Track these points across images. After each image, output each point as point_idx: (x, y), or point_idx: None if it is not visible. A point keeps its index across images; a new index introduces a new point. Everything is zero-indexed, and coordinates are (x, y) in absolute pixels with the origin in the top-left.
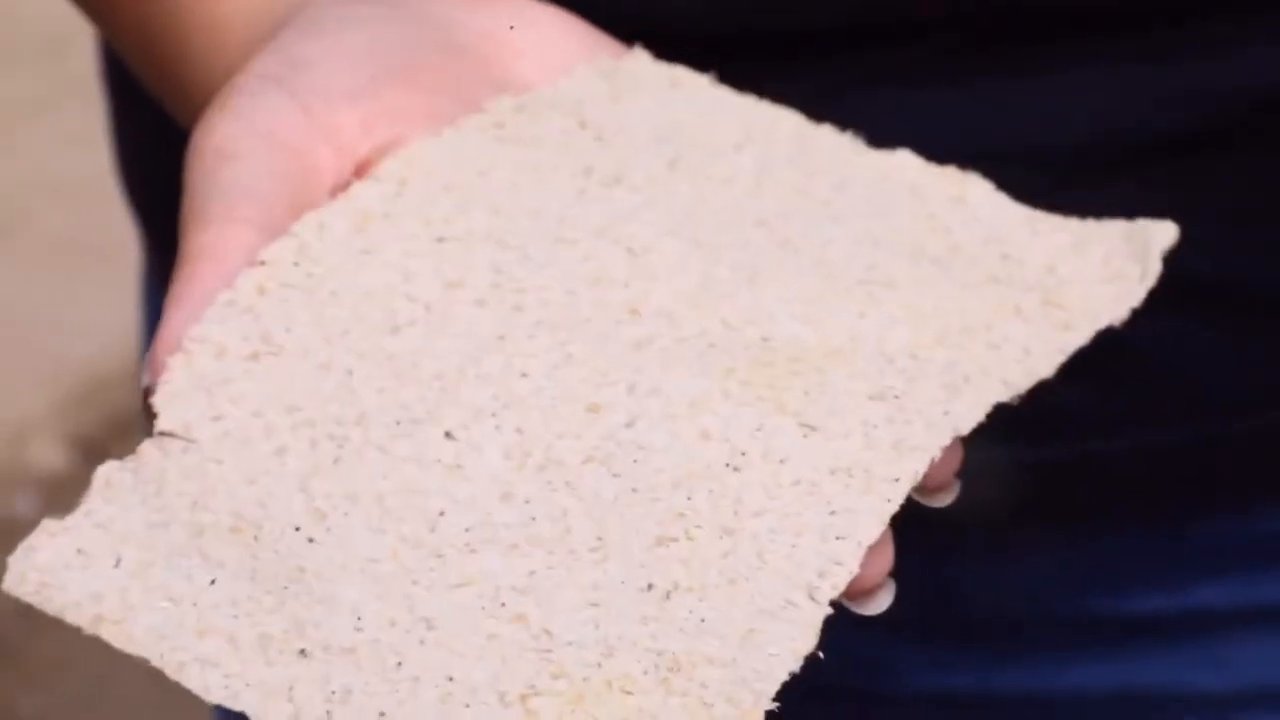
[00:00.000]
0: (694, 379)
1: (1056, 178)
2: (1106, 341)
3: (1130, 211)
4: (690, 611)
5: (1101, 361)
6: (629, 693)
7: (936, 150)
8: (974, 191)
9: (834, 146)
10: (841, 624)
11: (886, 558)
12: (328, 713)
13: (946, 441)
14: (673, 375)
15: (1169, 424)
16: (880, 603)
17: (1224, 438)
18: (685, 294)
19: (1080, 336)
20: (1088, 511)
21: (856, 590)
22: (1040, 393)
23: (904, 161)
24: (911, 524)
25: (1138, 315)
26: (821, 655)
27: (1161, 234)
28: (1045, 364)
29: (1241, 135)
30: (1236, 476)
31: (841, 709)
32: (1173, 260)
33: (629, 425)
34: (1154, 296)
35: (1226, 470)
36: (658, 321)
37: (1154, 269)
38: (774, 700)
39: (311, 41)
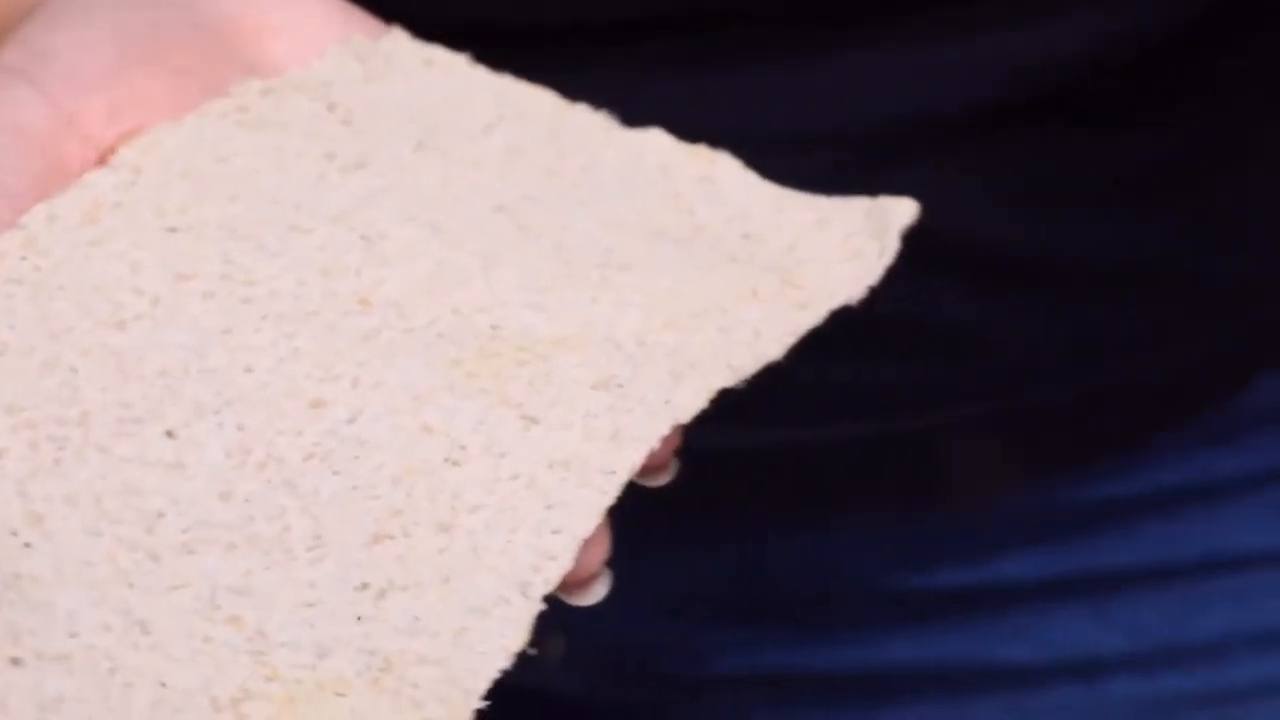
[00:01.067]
0: (419, 371)
1: (855, 160)
2: (912, 319)
3: (930, 191)
4: (404, 610)
5: (907, 339)
6: (341, 694)
7: (730, 138)
8: (722, 170)
9: (587, 126)
10: (650, 610)
11: (602, 549)
12: None
13: (665, 431)
14: (398, 368)
15: (974, 399)
16: (595, 593)
17: (1025, 411)
18: (418, 282)
19: (814, 317)
20: (894, 488)
21: (571, 583)
22: (847, 371)
23: (655, 141)
24: (719, 506)
25: (942, 292)
26: (532, 652)
27: (900, 211)
28: (775, 346)
29: (1037, 109)
30: (1036, 450)
31: (652, 693)
32: (976, 236)
33: (351, 421)
34: (957, 272)
35: (1028, 444)
36: (387, 312)
37: (892, 246)
38: (484, 699)
39: (55, 31)
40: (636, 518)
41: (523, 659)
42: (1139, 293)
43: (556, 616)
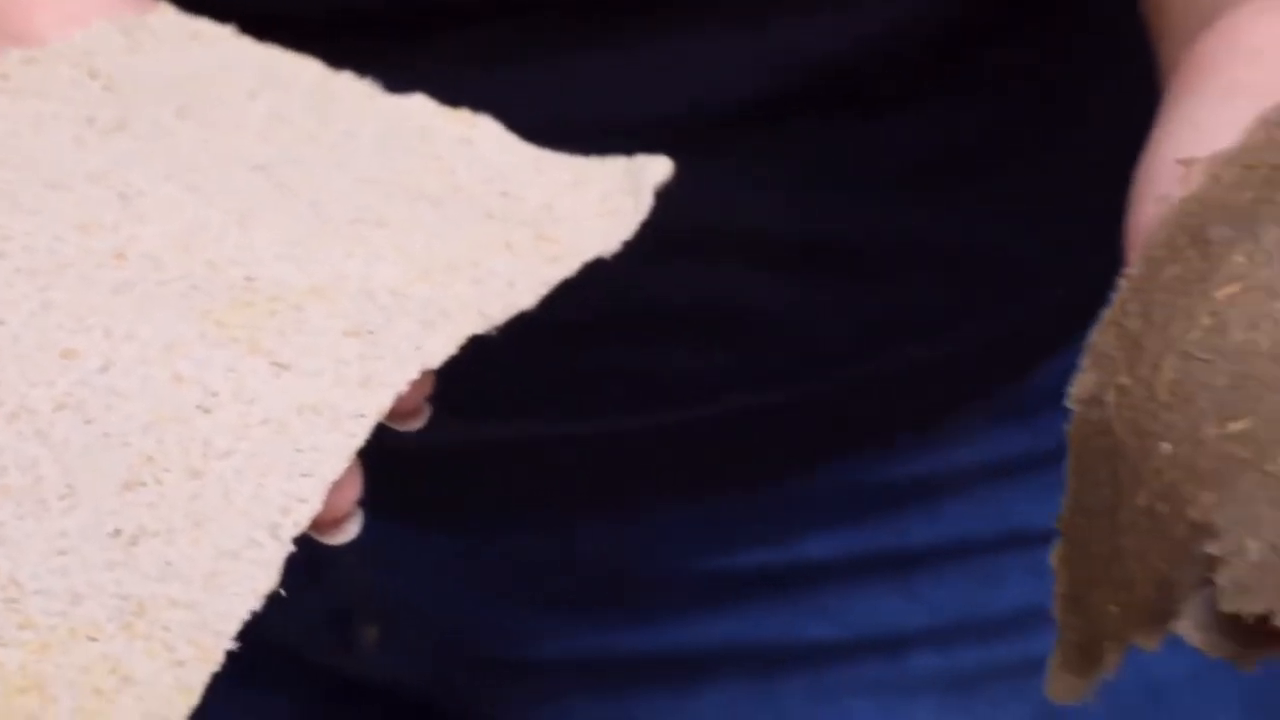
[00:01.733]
0: (172, 322)
1: (647, 150)
2: (709, 307)
3: (724, 180)
4: (156, 556)
5: (705, 326)
6: (94, 639)
7: (522, 129)
8: (482, 133)
9: (350, 93)
10: (467, 597)
11: (353, 490)
12: None
13: (415, 376)
14: (151, 319)
15: (772, 383)
16: (347, 532)
17: (824, 393)
18: (173, 237)
19: (566, 269)
20: (698, 472)
21: (323, 523)
22: (649, 359)
23: (417, 105)
24: (530, 494)
25: (737, 279)
26: (284, 593)
27: (655, 169)
28: (528, 296)
29: (827, 98)
30: (835, 431)
31: (471, 679)
32: (769, 224)
33: (103, 370)
34: (751, 259)
35: (826, 425)
36: (142, 265)
37: (645, 202)
38: (234, 641)
39: None
40: (450, 505)
41: (341, 651)
42: (930, 276)
43: (371, 606)
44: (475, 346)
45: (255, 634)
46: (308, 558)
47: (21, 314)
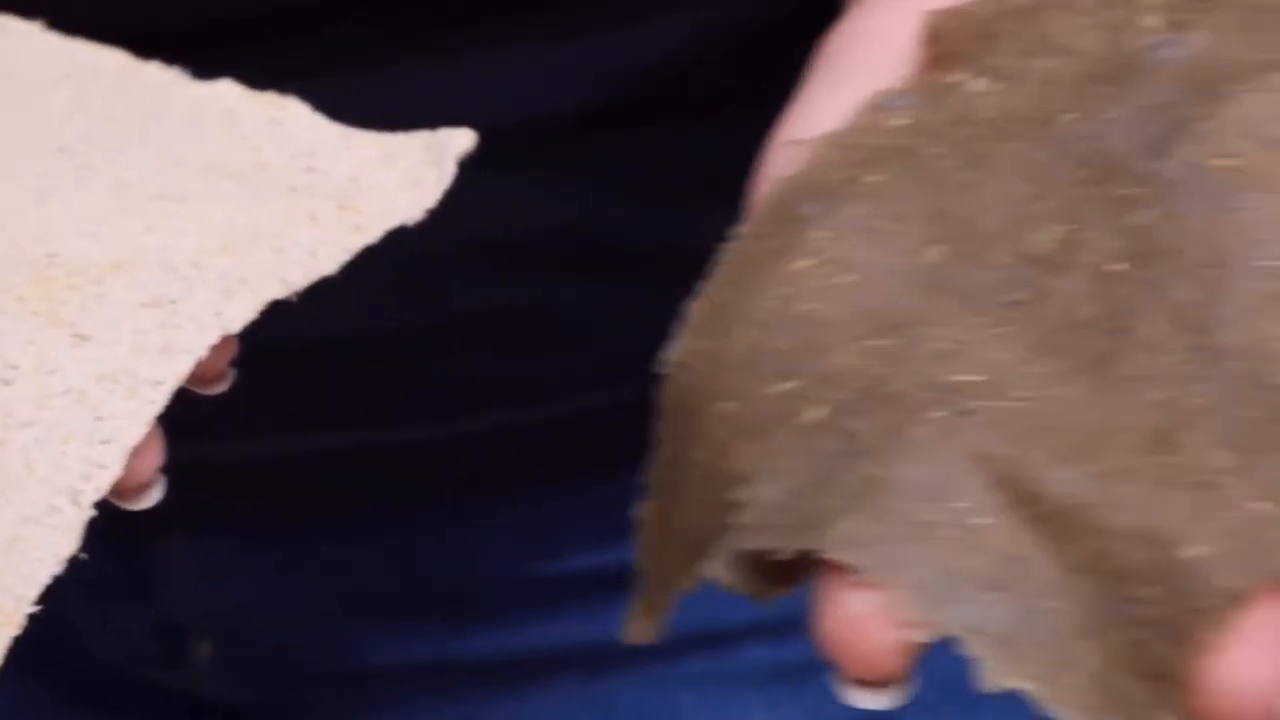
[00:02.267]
0: None
1: (478, 162)
2: (539, 313)
3: (550, 189)
4: None
5: (534, 332)
6: None
7: None
8: (290, 113)
9: (156, 79)
10: (304, 609)
11: (154, 456)
12: None
13: (214, 341)
14: None
15: (600, 388)
16: (150, 498)
17: (644, 397)
18: None
19: (369, 236)
20: (527, 477)
21: (125, 489)
22: (478, 365)
23: (224, 90)
24: (363, 502)
25: (565, 286)
26: (85, 556)
27: (457, 140)
28: (330, 263)
29: (649, 107)
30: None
31: (310, 692)
32: (596, 232)
33: None
34: (579, 267)
35: (648, 427)
36: None
37: (449, 172)
38: (36, 604)
39: None
40: (277, 517)
41: (173, 668)
42: None
43: (205, 622)
44: (296, 361)
45: (87, 652)
46: (138, 574)
47: None
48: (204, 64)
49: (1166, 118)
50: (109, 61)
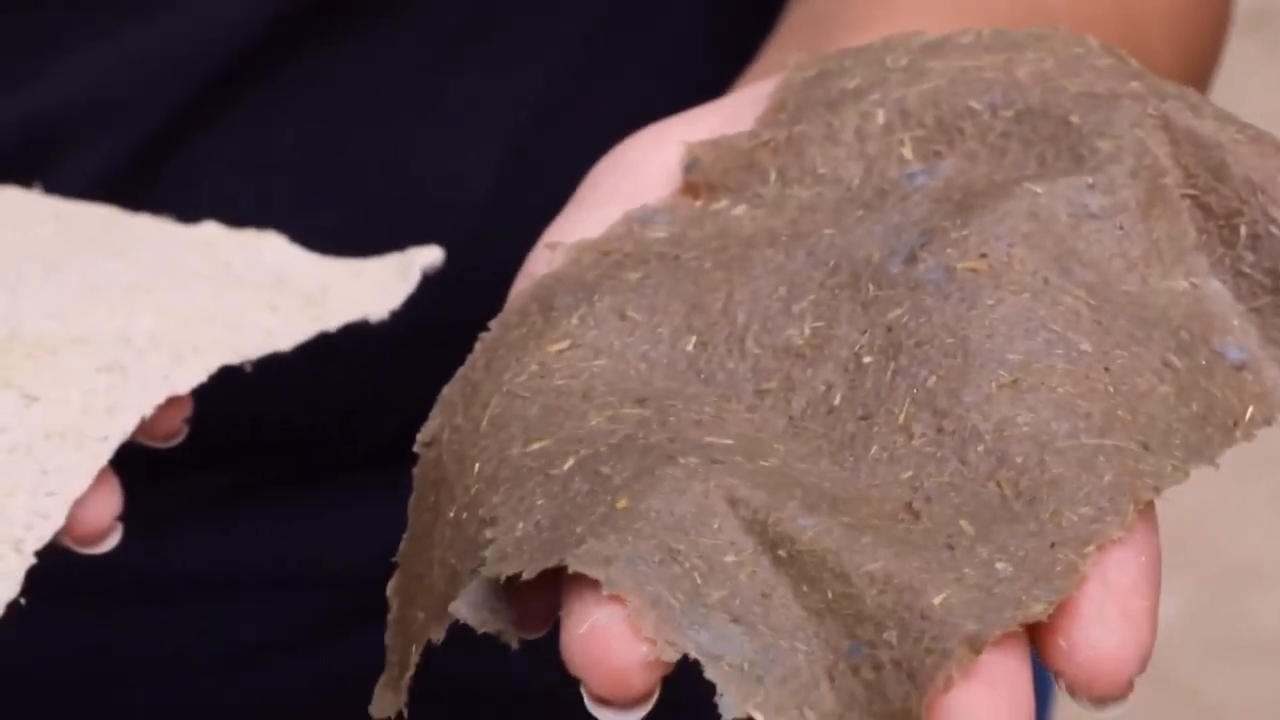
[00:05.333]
0: None
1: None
2: None
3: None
4: None
5: None
6: None
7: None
8: (268, 242)
9: (141, 221)
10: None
11: (107, 505)
12: None
13: (160, 400)
14: None
15: None
16: (107, 544)
17: None
18: None
19: (329, 326)
20: None
21: (80, 536)
22: None
23: (206, 226)
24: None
25: None
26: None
27: (425, 256)
28: (285, 342)
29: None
30: None
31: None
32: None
33: None
34: None
35: None
36: None
37: (414, 280)
38: None
39: None
40: None
41: None
42: None
43: None
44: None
45: None
46: None
47: None
48: None
49: (917, 230)
50: (98, 210)
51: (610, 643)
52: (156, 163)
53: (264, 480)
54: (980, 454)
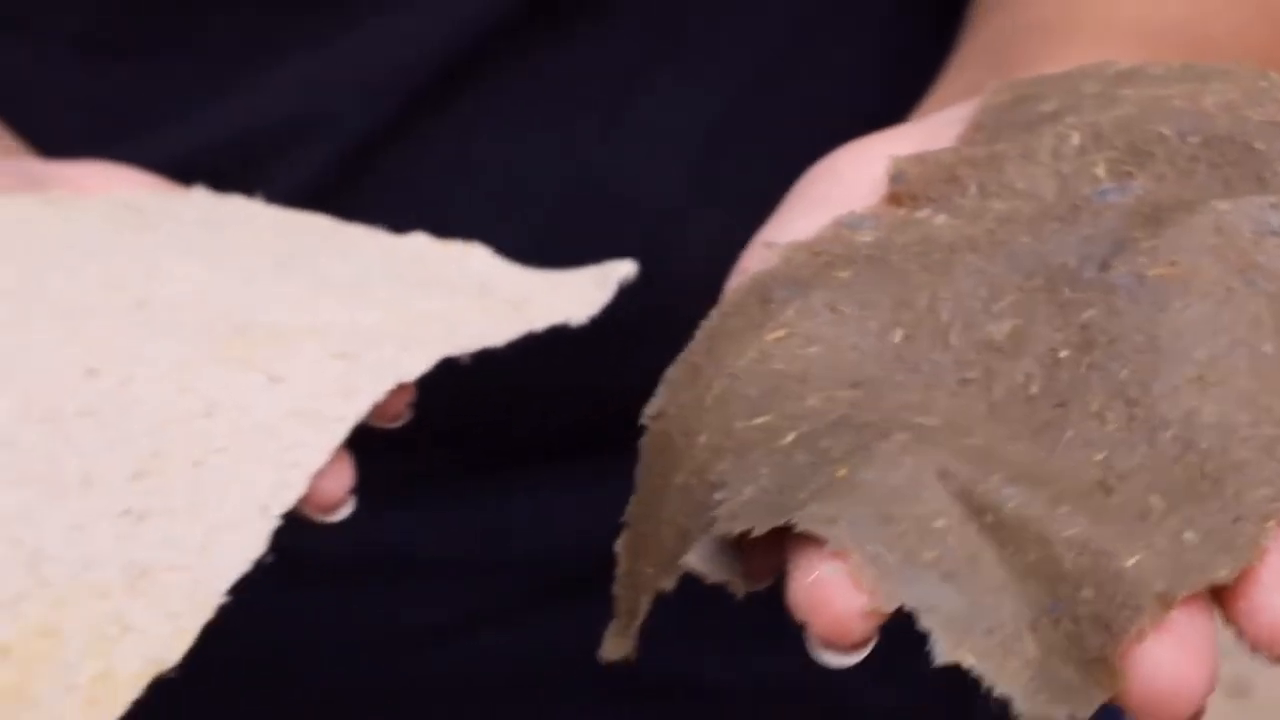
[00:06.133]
0: (183, 348)
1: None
2: None
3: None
4: (160, 530)
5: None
6: (104, 596)
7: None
8: (474, 254)
9: (355, 230)
10: None
11: (342, 479)
12: None
13: (389, 387)
14: (165, 347)
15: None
16: (342, 512)
17: None
18: (189, 294)
19: (535, 324)
20: None
21: (315, 506)
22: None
23: (416, 237)
24: None
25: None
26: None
27: (621, 269)
28: (498, 338)
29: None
30: None
31: None
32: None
33: (121, 385)
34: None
35: None
36: (160, 310)
37: (610, 291)
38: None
39: None
40: None
41: None
42: None
43: None
44: None
45: None
46: None
47: (50, 342)
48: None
49: (1109, 240)
50: (317, 218)
51: (833, 593)
52: (360, 173)
53: (434, 470)
54: (1169, 440)
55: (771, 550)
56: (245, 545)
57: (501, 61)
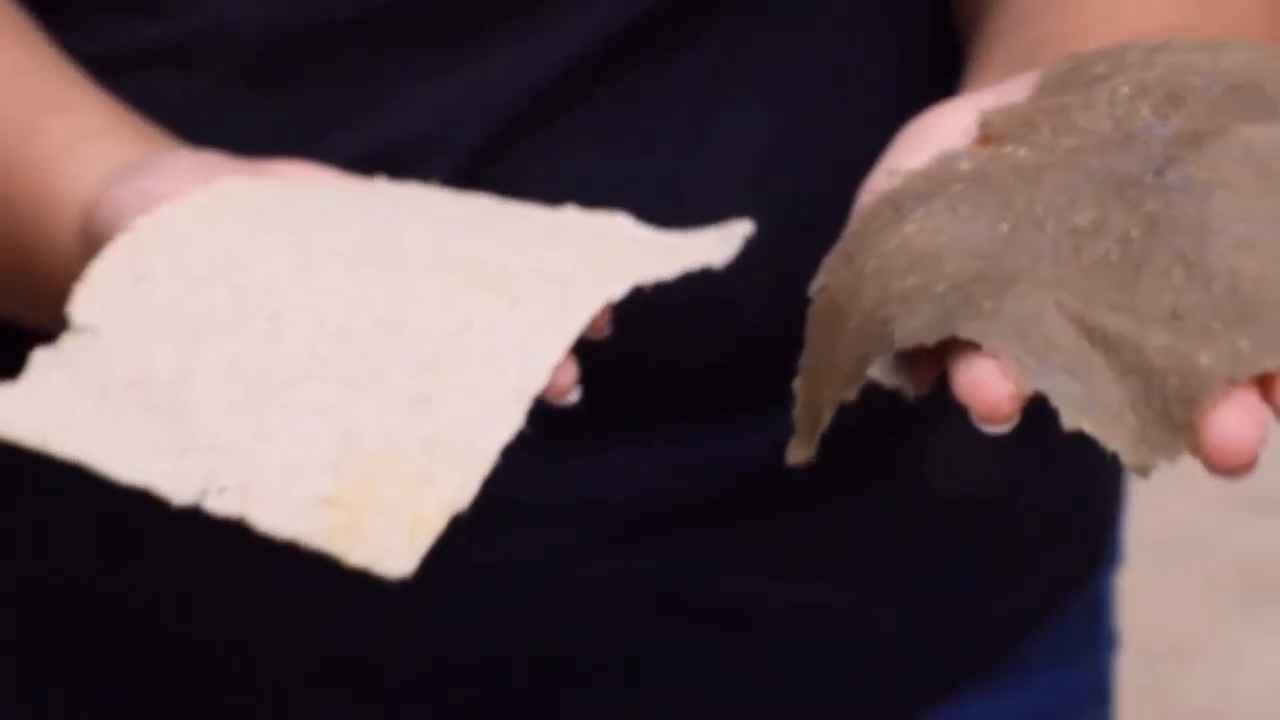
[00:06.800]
0: (434, 283)
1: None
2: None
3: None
4: (443, 412)
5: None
6: (409, 460)
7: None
8: (620, 219)
9: (517, 204)
10: None
11: (571, 371)
12: (203, 490)
13: (599, 305)
14: (421, 281)
15: None
16: (570, 398)
17: None
18: (427, 244)
19: (690, 266)
20: None
21: (554, 393)
22: None
23: (569, 210)
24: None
25: None
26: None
27: (741, 228)
28: (667, 271)
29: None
30: None
31: None
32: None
33: (394, 308)
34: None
35: None
36: (408, 255)
37: (736, 245)
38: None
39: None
40: None
41: None
42: None
43: None
44: None
45: None
46: None
47: (333, 281)
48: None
49: (1161, 157)
50: (484, 197)
51: (989, 383)
52: (468, 186)
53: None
54: (1221, 287)
55: (932, 363)
56: (509, 419)
57: (595, 87)
